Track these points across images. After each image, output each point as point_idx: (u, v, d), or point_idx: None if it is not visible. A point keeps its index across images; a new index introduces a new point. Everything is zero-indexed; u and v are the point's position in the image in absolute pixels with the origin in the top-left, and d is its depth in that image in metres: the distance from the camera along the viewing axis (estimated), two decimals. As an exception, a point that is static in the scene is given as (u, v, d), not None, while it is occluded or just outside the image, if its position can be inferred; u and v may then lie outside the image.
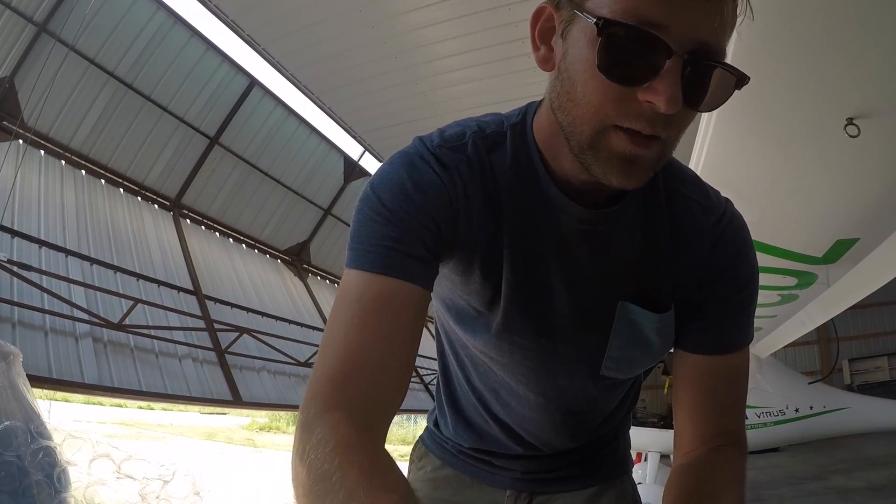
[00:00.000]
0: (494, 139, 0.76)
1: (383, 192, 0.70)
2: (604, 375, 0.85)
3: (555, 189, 0.73)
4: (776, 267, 3.48)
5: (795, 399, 6.06)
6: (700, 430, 0.79)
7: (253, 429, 21.10)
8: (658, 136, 0.59)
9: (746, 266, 0.80)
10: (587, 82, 0.60)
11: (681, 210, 0.79)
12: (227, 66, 8.58)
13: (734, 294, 0.80)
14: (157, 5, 7.50)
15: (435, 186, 0.72)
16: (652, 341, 0.81)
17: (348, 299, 0.68)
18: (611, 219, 0.74)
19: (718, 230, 0.79)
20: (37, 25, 6.54)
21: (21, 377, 4.01)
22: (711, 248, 0.79)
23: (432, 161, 0.73)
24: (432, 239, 0.71)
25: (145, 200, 8.70)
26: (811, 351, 13.52)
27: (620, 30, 0.56)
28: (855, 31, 1.69)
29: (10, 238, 5.89)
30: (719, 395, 0.80)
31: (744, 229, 0.82)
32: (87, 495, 5.14)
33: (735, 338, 0.80)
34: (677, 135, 0.62)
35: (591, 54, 0.58)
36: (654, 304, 0.79)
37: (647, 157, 0.61)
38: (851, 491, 6.00)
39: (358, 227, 0.71)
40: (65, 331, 5.72)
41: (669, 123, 0.59)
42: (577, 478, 1.04)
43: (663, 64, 0.56)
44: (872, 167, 2.45)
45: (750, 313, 0.82)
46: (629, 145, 0.60)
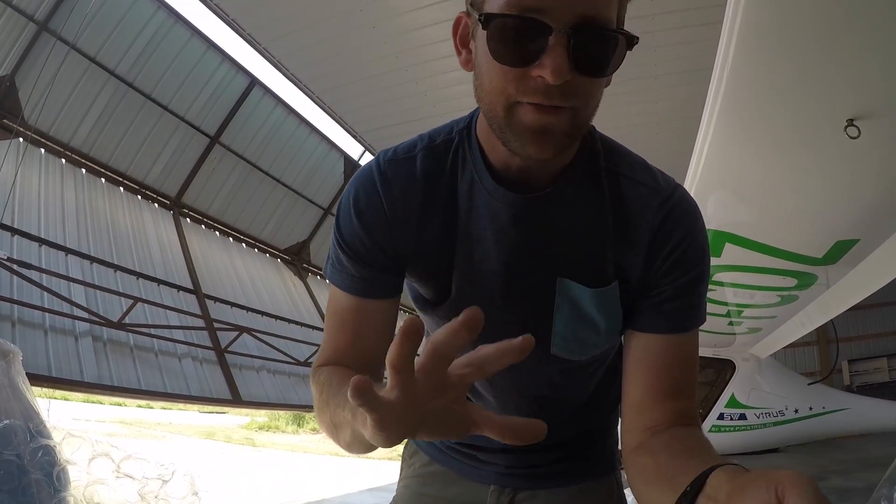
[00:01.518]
0: (443, 146, 0.85)
1: (341, 218, 0.85)
2: (555, 355, 0.88)
3: (490, 181, 0.80)
4: (776, 268, 3.48)
5: (795, 400, 6.07)
6: (657, 410, 0.78)
7: (252, 428, 21.09)
8: (561, 105, 0.65)
9: (695, 247, 0.80)
10: (490, 71, 0.67)
11: (626, 192, 0.81)
12: (227, 65, 8.58)
13: (683, 274, 0.80)
14: (158, 4, 7.49)
15: (376, 212, 0.83)
16: (595, 319, 0.84)
17: (332, 308, 0.88)
18: (545, 202, 0.79)
19: (664, 211, 0.80)
20: (37, 24, 6.54)
21: (20, 376, 4.01)
22: (657, 228, 0.80)
23: (378, 178, 0.83)
24: (379, 257, 0.84)
25: (145, 199, 8.70)
26: (811, 352, 13.51)
27: (502, 21, 0.64)
28: (855, 32, 1.69)
29: (10, 236, 5.89)
30: (674, 376, 0.79)
31: (692, 212, 0.82)
32: (86, 494, 5.13)
33: (687, 318, 0.81)
34: (585, 103, 0.68)
35: (487, 46, 0.66)
36: (593, 280, 0.82)
37: (557, 126, 0.67)
38: (851, 491, 6.00)
39: (332, 238, 0.87)
40: (64, 329, 5.72)
41: (568, 93, 0.65)
42: (561, 474, 1.04)
43: (547, 41, 0.62)
44: (872, 168, 2.45)
45: (700, 294, 0.82)
46: (535, 115, 0.66)
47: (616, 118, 8.15)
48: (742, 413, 5.98)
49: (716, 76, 2.00)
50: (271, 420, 21.47)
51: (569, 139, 0.70)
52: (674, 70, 6.97)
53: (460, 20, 0.75)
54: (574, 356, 0.89)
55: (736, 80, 1.96)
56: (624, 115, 8.04)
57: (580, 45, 0.62)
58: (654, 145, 8.49)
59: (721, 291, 4.08)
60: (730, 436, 6.04)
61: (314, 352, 9.10)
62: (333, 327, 0.88)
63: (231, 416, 22.17)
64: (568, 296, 0.83)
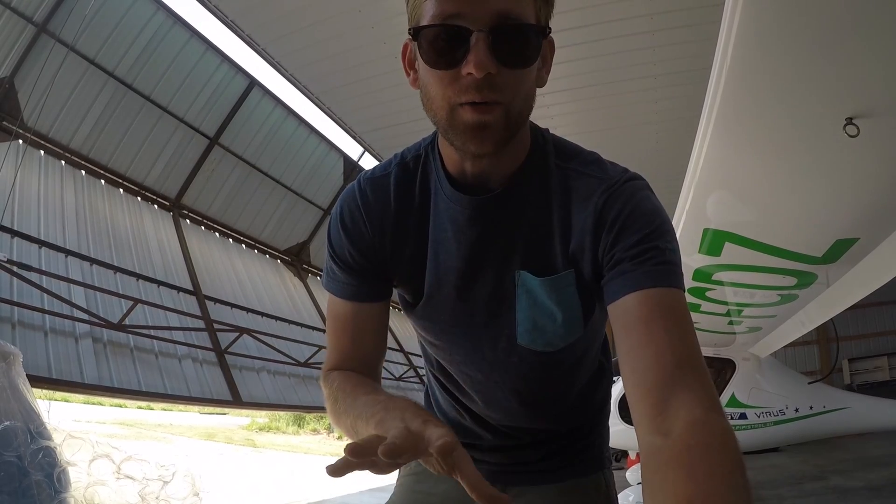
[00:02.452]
0: (413, 161, 0.93)
1: (331, 230, 0.95)
2: (522, 346, 0.92)
3: (448, 186, 0.87)
4: (775, 267, 3.48)
5: (795, 399, 6.06)
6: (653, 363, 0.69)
7: (252, 429, 21.10)
8: (494, 100, 0.72)
9: (638, 212, 0.79)
10: (429, 80, 0.75)
11: (574, 185, 0.85)
12: (226, 66, 8.58)
13: (632, 236, 0.78)
14: (157, 5, 7.50)
15: (357, 226, 0.92)
16: (551, 308, 0.88)
17: (331, 314, 0.98)
18: (496, 201, 0.85)
19: (606, 194, 0.82)
20: (36, 26, 6.54)
21: (21, 377, 4.01)
22: (600, 209, 0.81)
23: (357, 200, 0.93)
24: (364, 265, 0.93)
25: (145, 201, 8.70)
26: (811, 351, 13.52)
27: (429, 31, 0.72)
28: (854, 31, 1.69)
29: (9, 238, 5.89)
30: (662, 325, 0.72)
31: (638, 192, 0.82)
32: (86, 495, 5.13)
33: (657, 273, 0.75)
34: (514, 96, 0.74)
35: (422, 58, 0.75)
36: (543, 269, 0.87)
37: (494, 122, 0.73)
38: (851, 491, 6.00)
39: (326, 255, 0.97)
40: (64, 331, 5.73)
41: (497, 87, 0.71)
42: (551, 471, 1.07)
43: (469, 42, 0.69)
44: (872, 167, 2.45)
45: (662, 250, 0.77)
46: (472, 114, 0.72)
47: (616, 118, 8.15)
48: (742, 412, 5.96)
49: (714, 75, 2.00)
50: (272, 421, 21.48)
51: (506, 132, 0.75)
52: (674, 70, 6.97)
53: (406, 46, 0.83)
54: (539, 347, 0.92)
55: (734, 79, 1.96)
56: (624, 115, 8.04)
57: (499, 41, 0.70)
58: (654, 145, 8.49)
59: (721, 291, 4.08)
60: (730, 435, 6.03)
61: (314, 352, 9.11)
62: (335, 332, 0.97)
63: (231, 417, 22.18)
64: (525, 287, 0.88)
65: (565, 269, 0.86)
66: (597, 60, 6.97)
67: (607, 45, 6.71)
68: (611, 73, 7.19)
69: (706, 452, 0.59)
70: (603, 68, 7.10)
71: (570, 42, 6.69)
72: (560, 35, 3.13)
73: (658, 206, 0.83)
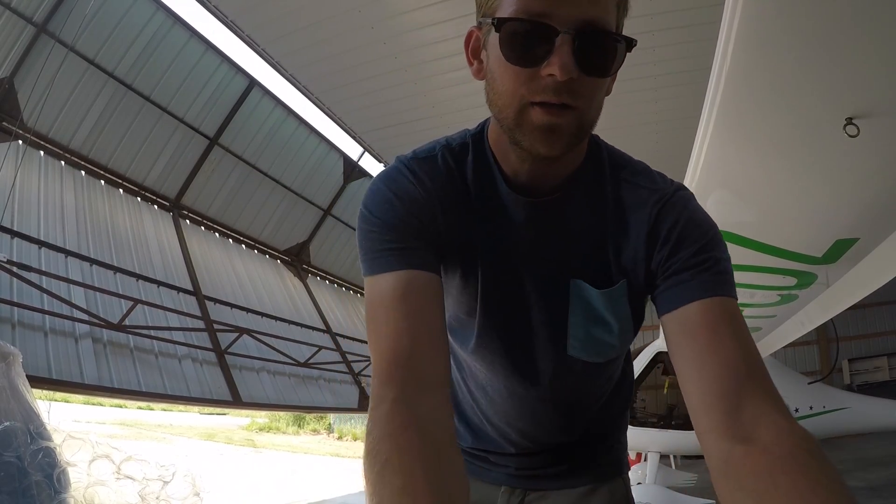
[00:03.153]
0: (460, 150, 0.88)
1: (372, 207, 0.82)
2: (571, 356, 0.90)
3: (504, 186, 0.84)
4: (776, 267, 3.48)
5: (795, 399, 6.06)
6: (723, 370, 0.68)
7: (252, 429, 21.11)
8: (568, 104, 0.70)
9: (692, 223, 0.80)
10: (502, 74, 0.72)
11: (626, 195, 0.85)
12: (226, 66, 8.58)
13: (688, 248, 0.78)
14: (157, 6, 7.50)
15: (411, 192, 0.83)
16: (607, 319, 0.86)
17: (375, 303, 0.78)
18: (553, 206, 0.84)
19: (659, 206, 0.82)
20: (36, 26, 6.53)
21: (21, 378, 4.01)
22: (654, 221, 0.81)
23: (406, 172, 0.85)
24: (423, 232, 0.81)
25: (145, 201, 8.70)
26: (811, 351, 13.51)
27: (513, 24, 0.69)
28: (854, 30, 1.69)
29: (9, 239, 5.89)
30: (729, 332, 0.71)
31: (689, 203, 0.83)
32: (86, 496, 5.13)
33: (716, 283, 0.76)
34: (589, 104, 0.72)
35: (499, 51, 0.71)
36: (600, 281, 0.85)
37: (565, 126, 0.71)
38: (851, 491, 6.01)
39: (362, 241, 0.82)
40: (64, 331, 5.72)
41: (574, 92, 0.70)
42: (571, 476, 1.06)
43: (554, 43, 0.68)
44: (872, 167, 2.45)
45: (718, 260, 0.77)
46: (545, 116, 0.71)
47: (616, 118, 8.15)
48: (742, 412, 5.97)
49: (714, 75, 2.01)
50: (272, 421, 21.49)
51: (575, 139, 0.74)
52: (674, 70, 6.97)
53: (472, 34, 0.80)
54: (590, 357, 0.90)
55: (734, 80, 1.96)
56: (624, 114, 8.03)
57: (583, 47, 0.68)
58: (654, 145, 8.49)
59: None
60: (730, 435, 6.04)
61: (314, 352, 9.11)
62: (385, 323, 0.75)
63: (231, 417, 22.20)
64: (580, 296, 0.86)
65: (619, 280, 0.85)
66: (597, 60, 6.97)
67: (607, 45, 6.71)
68: (611, 73, 7.19)
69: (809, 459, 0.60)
70: (603, 68, 7.10)
71: (570, 42, 6.69)
72: (560, 35, 3.02)
73: (708, 216, 0.83)
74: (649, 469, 5.95)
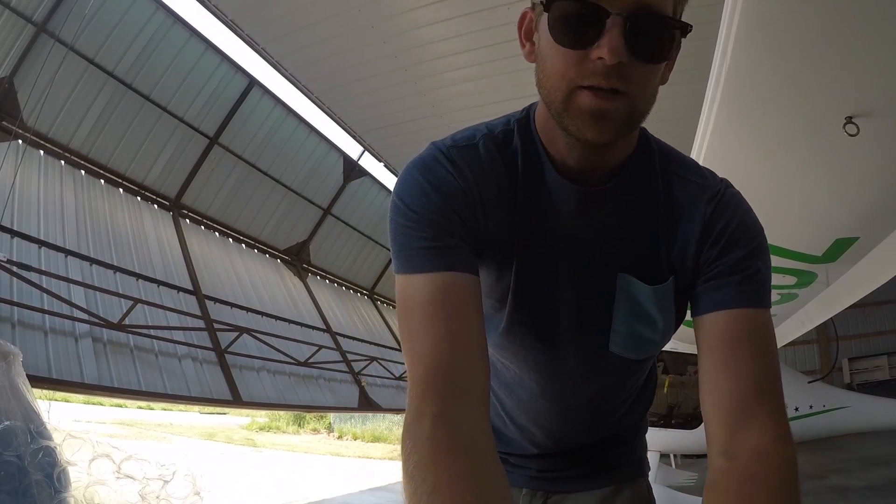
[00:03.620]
0: (504, 137, 0.84)
1: (408, 199, 0.78)
2: (613, 353, 0.87)
3: (554, 173, 0.81)
4: (775, 266, 3.47)
5: (795, 398, 6.06)
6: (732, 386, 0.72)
7: (253, 428, 21.10)
8: (618, 89, 0.68)
9: (744, 226, 0.80)
10: (552, 56, 0.71)
11: (677, 189, 0.83)
12: (226, 65, 8.58)
13: (737, 251, 0.78)
14: (157, 5, 7.49)
15: (450, 184, 0.78)
16: (653, 316, 0.84)
17: (410, 304, 0.75)
18: (605, 196, 0.81)
19: (714, 204, 0.81)
20: (36, 25, 6.53)
21: (21, 377, 4.01)
22: (708, 218, 0.80)
23: (444, 161, 0.80)
24: (461, 229, 0.78)
25: (145, 200, 8.69)
26: (811, 350, 13.52)
27: (563, 4, 0.67)
28: (854, 29, 1.69)
29: (9, 238, 5.89)
30: (748, 349, 0.74)
31: (741, 204, 0.83)
32: (86, 495, 5.13)
33: (753, 293, 0.77)
34: (640, 91, 0.70)
35: (549, 33, 0.70)
36: (650, 276, 0.83)
37: (614, 112, 0.69)
38: (851, 490, 6.01)
39: (395, 235, 0.78)
40: (64, 331, 5.72)
41: (625, 77, 0.67)
42: (592, 477, 1.05)
43: (605, 24, 0.65)
44: (872, 166, 2.45)
45: (760, 270, 0.78)
46: (594, 100, 0.68)
47: (615, 117, 8.15)
48: (742, 412, 5.97)
49: (714, 74, 2.01)
50: (272, 420, 21.49)
51: (626, 126, 0.72)
52: (674, 70, 6.97)
53: (525, 15, 0.79)
54: (632, 354, 0.88)
55: (734, 79, 1.96)
56: (623, 114, 8.03)
57: (635, 30, 0.66)
58: (654, 144, 8.49)
59: (721, 290, 4.07)
60: (730, 434, 6.04)
61: (314, 352, 9.11)
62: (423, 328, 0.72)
63: (231, 416, 22.19)
64: (627, 292, 0.83)
65: (669, 277, 0.83)
66: (596, 60, 6.97)
67: (607, 45, 6.71)
68: (610, 73, 7.19)
69: (765, 484, 0.64)
70: (603, 67, 7.10)
71: (570, 41, 6.69)
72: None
73: (757, 219, 0.83)
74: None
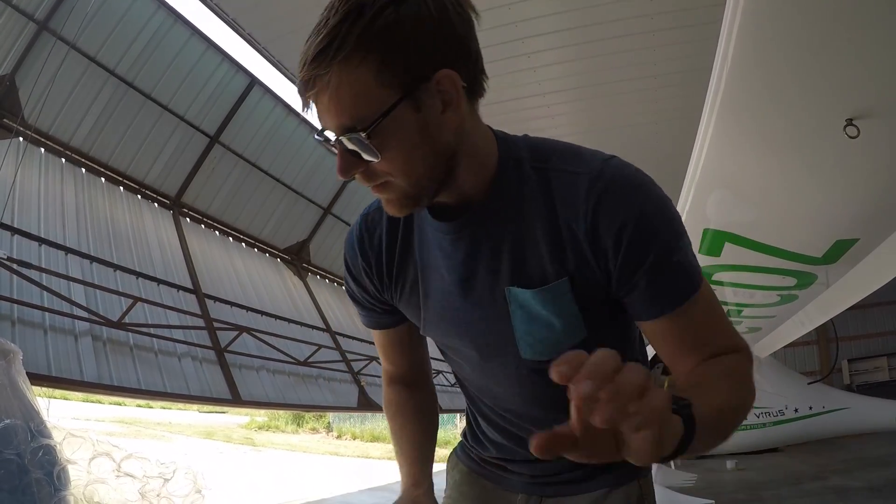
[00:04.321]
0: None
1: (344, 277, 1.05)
2: (530, 359, 0.91)
3: (429, 216, 0.89)
4: (775, 267, 3.49)
5: (795, 399, 6.07)
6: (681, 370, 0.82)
7: (252, 427, 21.11)
8: (380, 183, 0.77)
9: (641, 223, 0.77)
10: None
11: (555, 185, 0.82)
12: (227, 64, 8.58)
13: (643, 256, 0.77)
14: (158, 4, 7.49)
15: (357, 265, 0.99)
16: (546, 317, 0.86)
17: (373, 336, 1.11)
18: (473, 221, 0.85)
19: (595, 196, 0.78)
20: (37, 23, 6.53)
21: (20, 375, 4.01)
22: (592, 216, 0.78)
23: (361, 225, 0.98)
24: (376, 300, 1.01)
25: (145, 199, 8.69)
26: (811, 351, 13.53)
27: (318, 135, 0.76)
28: (854, 31, 1.69)
29: (9, 236, 5.88)
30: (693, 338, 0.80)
31: (627, 186, 0.78)
32: (86, 493, 5.14)
33: (674, 295, 0.78)
34: (397, 173, 0.75)
35: None
36: (538, 281, 0.84)
37: (388, 197, 0.79)
38: (851, 491, 6.01)
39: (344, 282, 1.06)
40: (64, 329, 5.72)
41: (372, 175, 0.76)
42: (586, 480, 1.06)
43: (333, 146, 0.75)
44: (872, 167, 2.45)
45: (676, 263, 0.78)
46: (373, 194, 0.80)
47: (616, 118, 8.15)
48: (742, 412, 5.97)
49: (715, 76, 2.01)
50: (271, 420, 21.49)
51: (407, 199, 0.79)
52: (673, 70, 6.97)
53: None
54: (543, 356, 0.89)
55: (735, 80, 1.97)
56: (624, 114, 8.03)
57: (346, 148, 0.73)
58: (654, 145, 8.49)
59: (721, 291, 4.08)
60: (730, 435, 6.05)
61: (314, 351, 9.12)
62: (379, 351, 1.13)
63: (231, 415, 22.19)
64: (518, 301, 0.86)
65: (558, 278, 0.83)
66: (597, 60, 6.97)
67: (607, 45, 6.71)
68: (611, 73, 7.18)
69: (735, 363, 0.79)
70: (603, 68, 7.10)
71: (570, 42, 6.68)
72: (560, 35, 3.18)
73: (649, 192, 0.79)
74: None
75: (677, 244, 0.79)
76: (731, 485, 7.40)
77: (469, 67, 0.77)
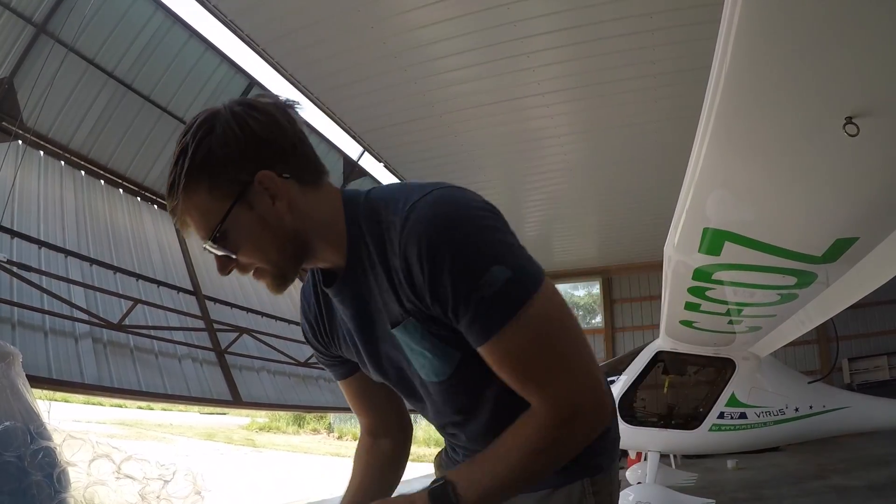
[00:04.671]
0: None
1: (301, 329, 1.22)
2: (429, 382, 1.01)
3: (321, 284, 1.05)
4: (775, 266, 3.48)
5: (795, 398, 6.05)
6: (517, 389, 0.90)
7: (252, 429, 21.11)
8: (255, 271, 0.94)
9: (434, 256, 0.83)
10: None
11: (386, 237, 0.90)
12: (226, 66, 8.57)
13: (445, 288, 0.84)
14: (156, 5, 7.48)
15: (304, 328, 1.18)
16: (419, 349, 0.96)
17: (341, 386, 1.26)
18: (344, 284, 0.98)
19: (403, 238, 0.86)
20: (36, 26, 6.53)
21: (21, 377, 4.01)
22: (404, 257, 0.86)
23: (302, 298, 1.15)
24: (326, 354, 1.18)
25: (145, 201, 8.70)
26: (811, 350, 13.50)
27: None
28: (854, 30, 1.69)
29: (9, 239, 5.89)
30: (511, 372, 0.88)
31: (421, 222, 0.85)
32: (86, 495, 5.13)
33: (483, 328, 0.85)
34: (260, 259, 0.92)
35: None
36: (393, 322, 0.95)
37: (264, 281, 0.96)
38: (851, 490, 6.00)
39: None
40: (64, 331, 5.72)
41: (243, 266, 0.94)
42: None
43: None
44: (871, 166, 2.45)
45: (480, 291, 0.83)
46: (253, 278, 0.96)
47: (616, 118, 8.15)
48: (742, 412, 5.96)
49: (714, 74, 2.01)
50: (272, 421, 21.49)
51: (276, 279, 0.95)
52: (673, 70, 6.97)
53: None
54: (438, 378, 0.99)
55: (734, 79, 1.96)
56: (624, 114, 8.04)
57: (215, 253, 0.91)
58: (654, 145, 8.49)
59: (721, 290, 4.08)
60: (730, 435, 6.04)
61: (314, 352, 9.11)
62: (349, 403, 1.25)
63: (231, 416, 22.19)
64: (399, 338, 0.97)
65: (405, 318, 0.92)
66: (596, 60, 6.97)
67: (607, 45, 6.71)
68: (610, 73, 7.19)
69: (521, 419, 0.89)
70: (602, 68, 7.10)
71: (570, 42, 6.69)
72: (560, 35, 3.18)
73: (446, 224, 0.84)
74: (649, 469, 5.95)
75: (474, 272, 0.83)
76: (731, 484, 7.40)
77: (287, 160, 0.89)
